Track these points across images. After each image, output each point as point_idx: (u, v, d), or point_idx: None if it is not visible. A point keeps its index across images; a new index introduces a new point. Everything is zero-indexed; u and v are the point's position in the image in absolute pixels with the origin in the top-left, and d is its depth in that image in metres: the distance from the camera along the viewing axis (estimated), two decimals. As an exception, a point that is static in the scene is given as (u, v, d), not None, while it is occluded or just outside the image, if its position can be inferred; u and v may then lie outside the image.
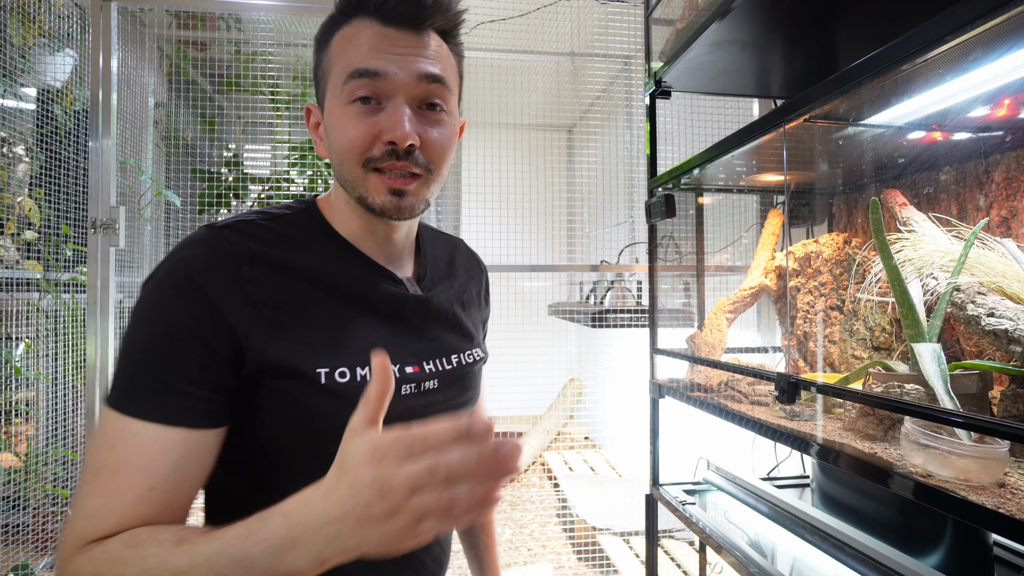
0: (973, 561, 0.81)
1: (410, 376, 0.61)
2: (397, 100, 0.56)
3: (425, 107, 0.58)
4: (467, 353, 0.69)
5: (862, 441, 0.79)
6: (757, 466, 1.71)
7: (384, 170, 0.57)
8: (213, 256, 0.54)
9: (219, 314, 0.52)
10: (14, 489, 1.98)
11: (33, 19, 1.98)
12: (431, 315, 0.66)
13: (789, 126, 0.86)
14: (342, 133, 0.57)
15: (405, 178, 0.57)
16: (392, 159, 0.56)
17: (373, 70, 0.55)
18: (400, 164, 0.56)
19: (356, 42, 0.56)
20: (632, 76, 2.79)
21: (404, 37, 0.56)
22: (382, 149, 0.56)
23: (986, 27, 0.54)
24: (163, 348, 0.51)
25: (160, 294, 0.53)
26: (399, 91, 0.56)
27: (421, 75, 0.56)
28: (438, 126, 0.58)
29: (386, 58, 0.55)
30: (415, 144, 0.56)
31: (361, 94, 0.56)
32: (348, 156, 0.57)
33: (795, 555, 0.98)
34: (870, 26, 1.04)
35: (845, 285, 1.17)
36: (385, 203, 0.57)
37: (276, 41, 2.53)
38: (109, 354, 1.54)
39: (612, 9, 2.48)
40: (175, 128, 2.72)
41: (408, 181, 0.58)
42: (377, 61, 0.55)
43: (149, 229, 2.63)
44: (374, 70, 0.55)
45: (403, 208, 0.58)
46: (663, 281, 1.50)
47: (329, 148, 0.61)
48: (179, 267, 0.54)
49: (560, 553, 2.30)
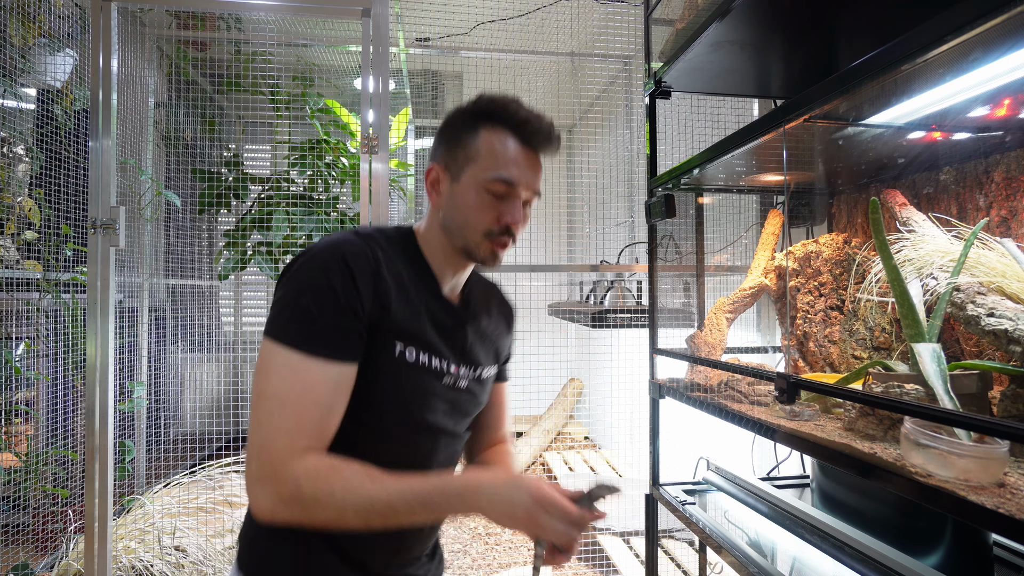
0: (973, 561, 0.81)
1: (450, 372, 0.82)
2: (518, 200, 0.81)
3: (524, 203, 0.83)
4: (487, 368, 0.91)
5: (862, 441, 0.79)
6: (757, 466, 1.71)
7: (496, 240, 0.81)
8: (358, 249, 0.76)
9: (357, 287, 0.73)
10: (14, 489, 1.98)
11: (33, 19, 1.98)
12: (473, 334, 0.87)
13: (789, 126, 0.86)
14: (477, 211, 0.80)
15: (504, 247, 0.83)
16: (504, 236, 0.81)
17: (513, 181, 0.79)
18: (506, 240, 0.82)
19: (504, 151, 0.79)
20: (632, 76, 2.78)
21: (530, 157, 0.81)
22: (500, 227, 0.80)
23: (986, 27, 0.54)
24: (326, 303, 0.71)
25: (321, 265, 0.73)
26: (520, 195, 0.81)
27: (534, 189, 0.82)
28: (527, 217, 0.85)
29: (521, 172, 0.79)
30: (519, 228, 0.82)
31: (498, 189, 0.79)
32: (474, 226, 0.80)
33: (795, 555, 0.98)
34: (870, 26, 1.04)
35: (845, 285, 1.17)
36: (487, 258, 0.82)
37: (276, 41, 2.53)
38: (109, 354, 1.53)
39: (612, 9, 2.48)
40: (175, 128, 2.72)
41: (505, 248, 0.83)
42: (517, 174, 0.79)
43: (149, 229, 2.63)
44: (513, 181, 0.79)
45: (497, 262, 0.83)
46: (663, 281, 1.50)
47: (451, 208, 0.82)
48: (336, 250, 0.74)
49: (560, 553, 2.30)
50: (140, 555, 1.78)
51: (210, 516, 2.03)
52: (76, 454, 2.12)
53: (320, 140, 2.44)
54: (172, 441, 2.85)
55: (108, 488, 1.51)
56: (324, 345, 0.70)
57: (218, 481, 2.13)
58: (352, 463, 0.69)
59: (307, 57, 2.67)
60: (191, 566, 1.82)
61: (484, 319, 0.92)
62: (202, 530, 1.96)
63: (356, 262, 0.74)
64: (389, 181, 1.61)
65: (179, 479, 2.12)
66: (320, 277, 0.72)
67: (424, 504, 0.67)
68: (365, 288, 0.73)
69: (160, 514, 1.94)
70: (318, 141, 2.44)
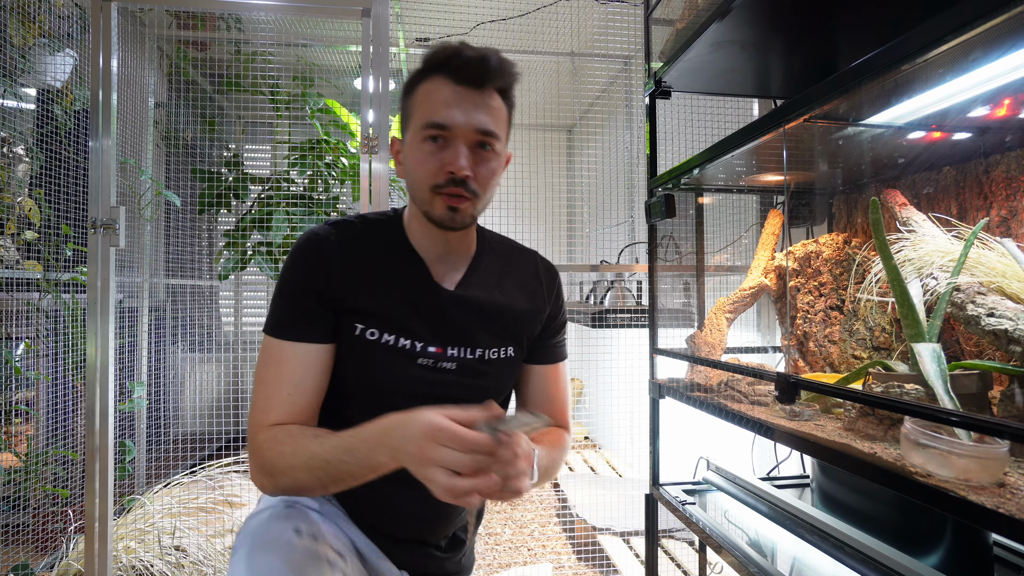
0: (973, 561, 0.81)
1: (430, 353, 0.81)
2: (457, 143, 0.75)
3: (478, 147, 0.77)
4: (494, 350, 0.85)
5: (862, 441, 0.79)
6: (757, 466, 1.71)
7: (445, 193, 0.76)
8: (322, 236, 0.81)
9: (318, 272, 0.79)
10: (14, 489, 1.98)
11: (33, 19, 1.98)
12: (468, 311, 0.84)
13: (789, 126, 0.86)
14: (417, 164, 0.77)
15: (459, 199, 0.76)
16: (452, 186, 0.75)
17: (443, 124, 0.74)
18: (456, 190, 0.76)
19: (434, 97, 0.75)
20: (632, 76, 2.78)
21: (470, 95, 0.75)
22: (445, 177, 0.75)
23: (986, 27, 0.54)
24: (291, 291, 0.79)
25: (291, 256, 0.80)
26: (459, 137, 0.75)
27: (477, 128, 0.75)
28: (486, 163, 0.78)
29: (454, 113, 0.74)
30: (468, 176, 0.75)
31: (431, 134, 0.75)
32: (421, 182, 0.77)
33: (795, 555, 0.98)
34: (870, 26, 1.04)
35: (845, 285, 1.17)
36: (443, 216, 0.77)
37: (276, 41, 2.53)
38: (109, 354, 1.53)
39: (612, 9, 2.48)
40: (175, 128, 2.72)
41: (461, 201, 0.76)
42: (447, 115, 0.74)
43: (149, 229, 2.62)
44: (443, 124, 0.74)
45: (456, 220, 0.78)
46: (663, 281, 1.50)
47: (406, 174, 0.81)
48: (302, 241, 0.81)
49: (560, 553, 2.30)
50: (140, 555, 1.78)
51: (210, 516, 2.03)
52: (76, 454, 2.12)
53: (320, 140, 2.44)
54: (172, 441, 2.84)
55: (108, 488, 1.51)
56: (289, 328, 0.77)
57: (218, 481, 2.13)
58: (309, 429, 0.73)
59: (307, 57, 2.67)
60: (191, 566, 1.82)
61: (489, 294, 0.86)
62: (202, 530, 1.96)
63: (317, 249, 0.80)
64: (389, 181, 1.61)
65: (179, 479, 2.12)
66: (288, 267, 0.80)
67: (349, 451, 0.66)
68: (325, 272, 0.79)
69: (160, 514, 1.94)
70: (318, 141, 2.44)
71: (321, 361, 0.78)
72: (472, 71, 0.74)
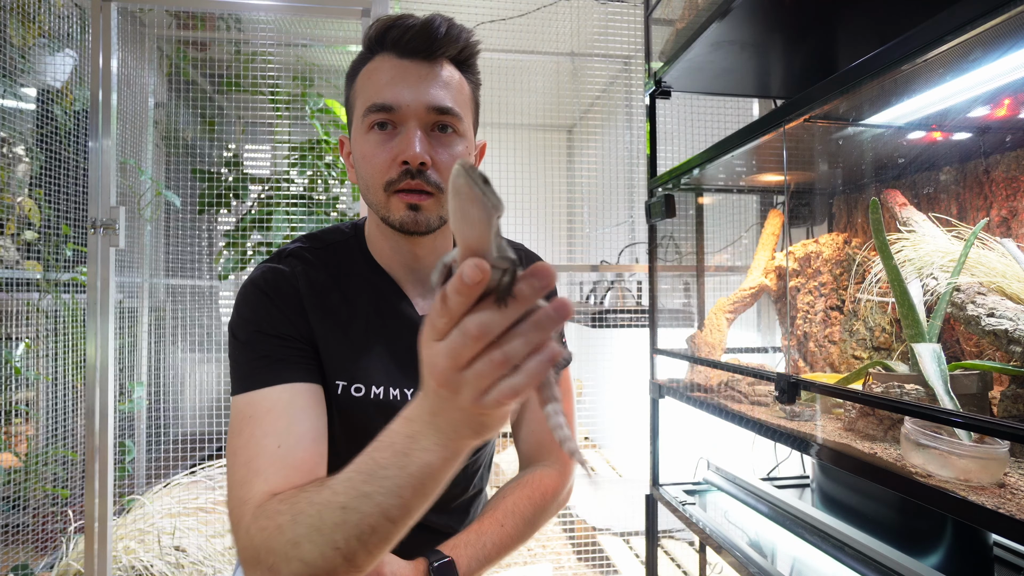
0: (973, 561, 0.81)
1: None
2: (409, 126, 0.62)
3: (437, 130, 0.64)
4: None
5: (862, 441, 0.79)
6: (757, 466, 1.71)
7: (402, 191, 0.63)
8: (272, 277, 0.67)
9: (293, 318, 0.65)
10: (14, 489, 1.97)
11: (33, 19, 1.98)
12: None
13: (789, 126, 0.86)
14: (364, 159, 0.64)
15: (420, 195, 0.63)
16: (407, 178, 0.62)
17: (387, 104, 0.61)
18: (415, 183, 0.62)
19: (375, 77, 0.63)
20: (632, 76, 2.78)
21: (417, 68, 0.62)
22: (398, 170, 0.62)
23: (986, 27, 0.54)
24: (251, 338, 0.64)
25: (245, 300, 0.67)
26: (411, 118, 0.62)
27: (430, 105, 0.62)
28: (448, 147, 0.64)
29: (400, 90, 0.61)
30: (426, 163, 0.62)
31: (378, 120, 0.62)
32: (372, 181, 0.64)
33: (795, 555, 0.97)
34: (870, 26, 1.04)
35: (845, 285, 1.17)
36: (404, 219, 0.63)
37: (276, 41, 2.53)
38: (109, 354, 1.53)
39: (612, 9, 2.48)
40: (175, 128, 2.71)
41: (423, 198, 0.63)
42: (391, 94, 0.61)
43: (149, 229, 2.62)
44: (388, 104, 0.61)
45: (419, 222, 0.64)
46: (663, 281, 1.50)
47: (358, 176, 0.67)
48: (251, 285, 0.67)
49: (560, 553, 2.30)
50: (140, 555, 1.78)
51: (210, 516, 2.03)
52: (76, 454, 2.11)
53: (320, 140, 2.44)
54: (172, 441, 2.84)
55: (108, 488, 1.51)
56: (261, 375, 0.61)
57: (218, 481, 2.12)
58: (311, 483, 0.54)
59: (307, 57, 2.67)
60: (191, 566, 1.82)
61: None
62: (202, 530, 1.96)
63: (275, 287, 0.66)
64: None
65: (179, 479, 2.12)
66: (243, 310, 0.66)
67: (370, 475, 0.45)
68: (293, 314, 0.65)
69: (160, 514, 1.94)
70: (318, 141, 2.44)
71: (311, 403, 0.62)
72: (418, 40, 0.62)
